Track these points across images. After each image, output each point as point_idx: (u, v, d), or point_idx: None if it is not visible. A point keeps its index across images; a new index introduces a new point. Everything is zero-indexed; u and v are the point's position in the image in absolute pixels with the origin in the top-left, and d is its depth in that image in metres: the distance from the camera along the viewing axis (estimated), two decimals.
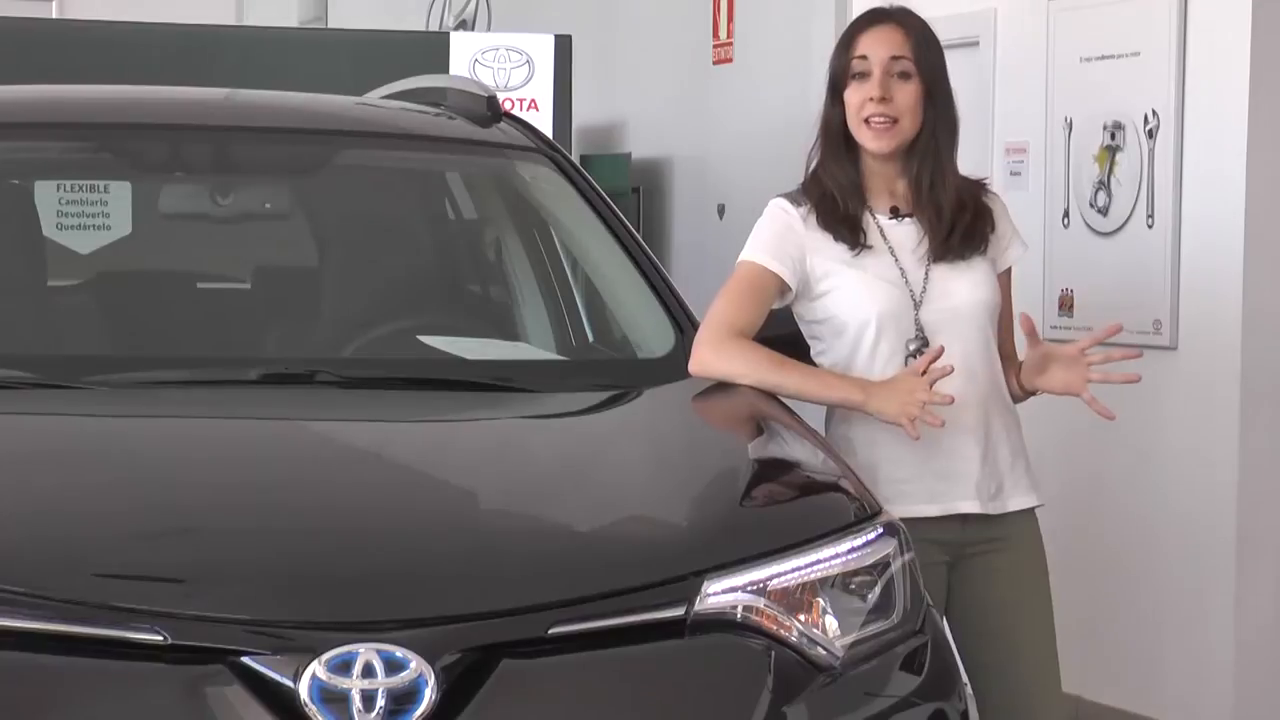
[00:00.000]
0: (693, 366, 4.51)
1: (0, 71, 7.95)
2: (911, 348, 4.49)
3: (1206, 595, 7.43)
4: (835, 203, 4.54)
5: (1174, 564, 7.56)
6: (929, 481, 4.45)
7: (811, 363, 4.58)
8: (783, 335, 4.55)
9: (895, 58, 4.51)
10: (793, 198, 4.60)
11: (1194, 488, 7.47)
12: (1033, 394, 4.72)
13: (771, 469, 4.13)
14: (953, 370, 4.32)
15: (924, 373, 4.28)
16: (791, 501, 4.02)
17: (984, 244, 4.58)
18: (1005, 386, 4.66)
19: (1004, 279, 4.68)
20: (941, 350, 4.35)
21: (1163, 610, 7.60)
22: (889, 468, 4.29)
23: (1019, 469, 4.62)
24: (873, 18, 4.59)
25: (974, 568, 4.57)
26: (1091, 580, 7.41)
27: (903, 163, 4.57)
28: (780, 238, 4.57)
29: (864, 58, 4.52)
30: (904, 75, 4.51)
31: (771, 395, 4.46)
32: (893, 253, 4.55)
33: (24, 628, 3.33)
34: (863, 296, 4.53)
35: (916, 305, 4.53)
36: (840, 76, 4.55)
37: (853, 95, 4.51)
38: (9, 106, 5.46)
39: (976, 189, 4.65)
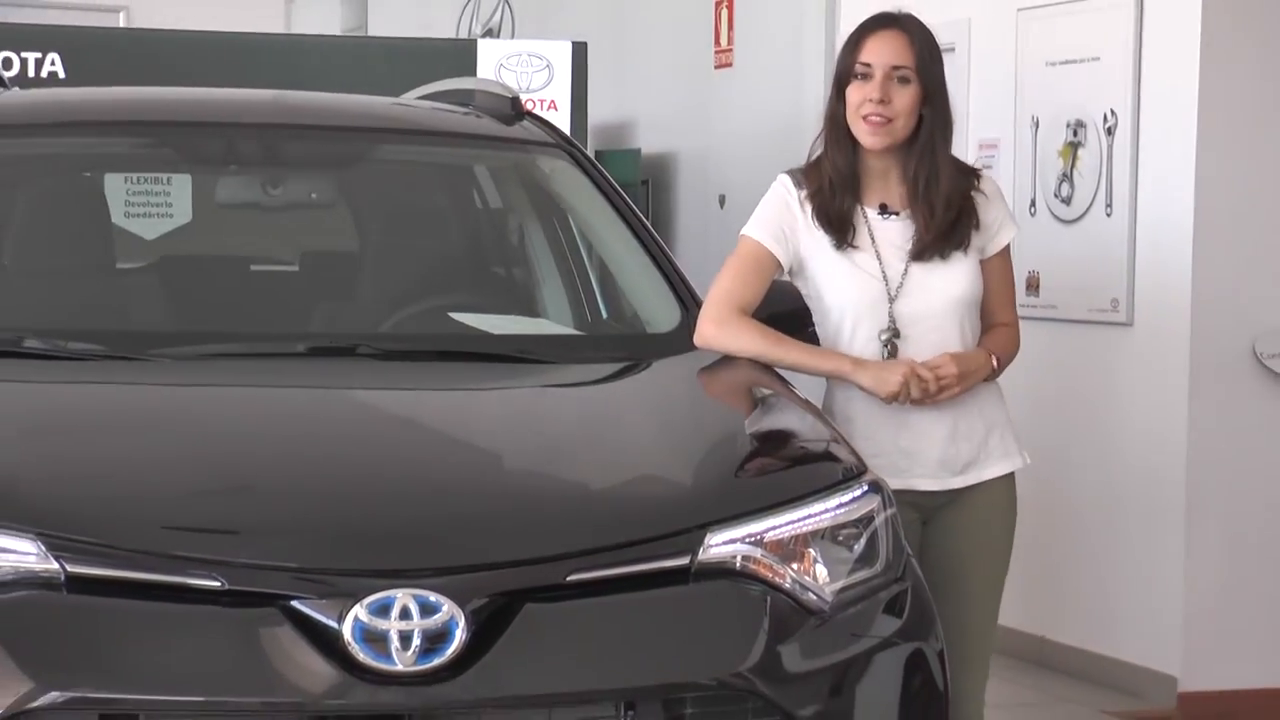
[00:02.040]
0: (697, 340, 4.51)
1: (73, 75, 7.97)
2: (884, 338, 4.46)
3: (1158, 547, 7.42)
4: (829, 196, 4.51)
5: (1130, 519, 7.56)
6: (894, 457, 4.43)
7: (813, 332, 4.57)
8: (785, 312, 4.54)
9: (896, 66, 4.46)
10: (796, 178, 4.58)
11: (1148, 450, 7.47)
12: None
13: (768, 433, 4.13)
14: (939, 388, 4.35)
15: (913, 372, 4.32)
16: (786, 462, 4.02)
17: (965, 243, 4.53)
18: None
19: (999, 258, 4.63)
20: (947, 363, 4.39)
21: (1119, 561, 7.60)
22: (861, 442, 4.26)
23: (994, 440, 4.59)
24: (881, 22, 4.54)
25: (942, 522, 4.55)
26: (1055, 534, 7.41)
27: (900, 160, 4.53)
28: (778, 215, 4.56)
29: (868, 64, 4.48)
30: (904, 80, 4.46)
31: (768, 366, 4.46)
32: (876, 247, 4.52)
33: (100, 575, 3.35)
34: (841, 285, 4.52)
35: (891, 299, 4.49)
36: (845, 75, 4.51)
37: (854, 93, 4.48)
38: (82, 106, 5.47)
39: (968, 184, 4.58)
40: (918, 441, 4.49)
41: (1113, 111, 7.59)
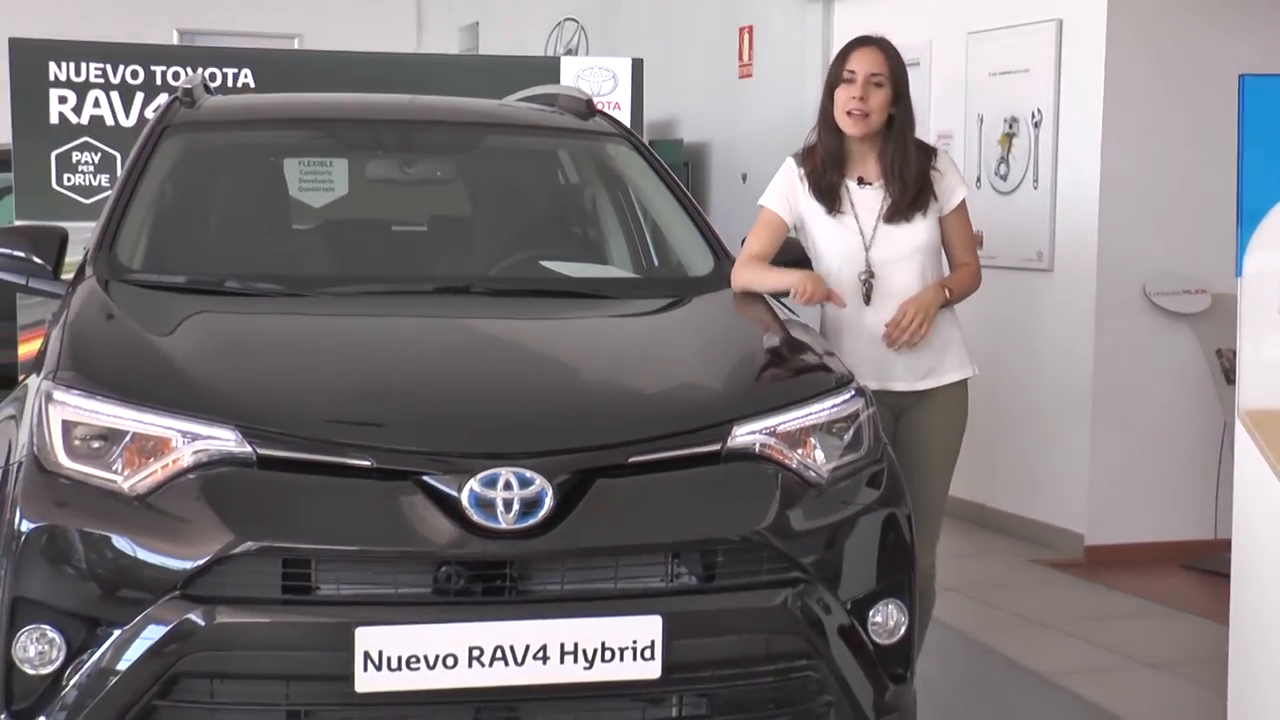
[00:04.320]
0: (732, 283, 4.51)
1: (261, 85, 7.96)
2: (862, 277, 4.46)
3: (1071, 437, 7.43)
4: (821, 173, 4.51)
5: (1050, 416, 7.56)
6: (871, 366, 4.40)
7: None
8: (793, 259, 4.53)
9: (873, 74, 4.46)
10: (798, 159, 4.58)
11: (1064, 363, 7.48)
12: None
13: (779, 351, 4.11)
14: (844, 303, 4.40)
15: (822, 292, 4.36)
16: (792, 372, 3.99)
17: (925, 208, 4.50)
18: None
19: (956, 215, 4.58)
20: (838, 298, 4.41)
21: (1042, 447, 7.60)
22: (848, 357, 4.24)
23: (949, 354, 4.55)
24: (862, 41, 4.53)
25: (910, 418, 4.53)
26: (994, 427, 7.40)
27: (876, 145, 4.51)
28: (786, 188, 4.57)
29: (852, 71, 4.47)
30: (879, 84, 4.45)
31: (779, 301, 4.45)
32: (855, 211, 4.50)
33: (282, 455, 3.36)
34: (830, 238, 4.51)
35: (867, 249, 4.48)
36: (835, 80, 4.50)
37: (841, 94, 4.47)
38: (267, 108, 5.47)
39: (928, 163, 4.54)
40: (888, 355, 4.47)
41: (1039, 110, 7.57)
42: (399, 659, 3.22)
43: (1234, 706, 3.68)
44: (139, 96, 7.92)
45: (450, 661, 3.24)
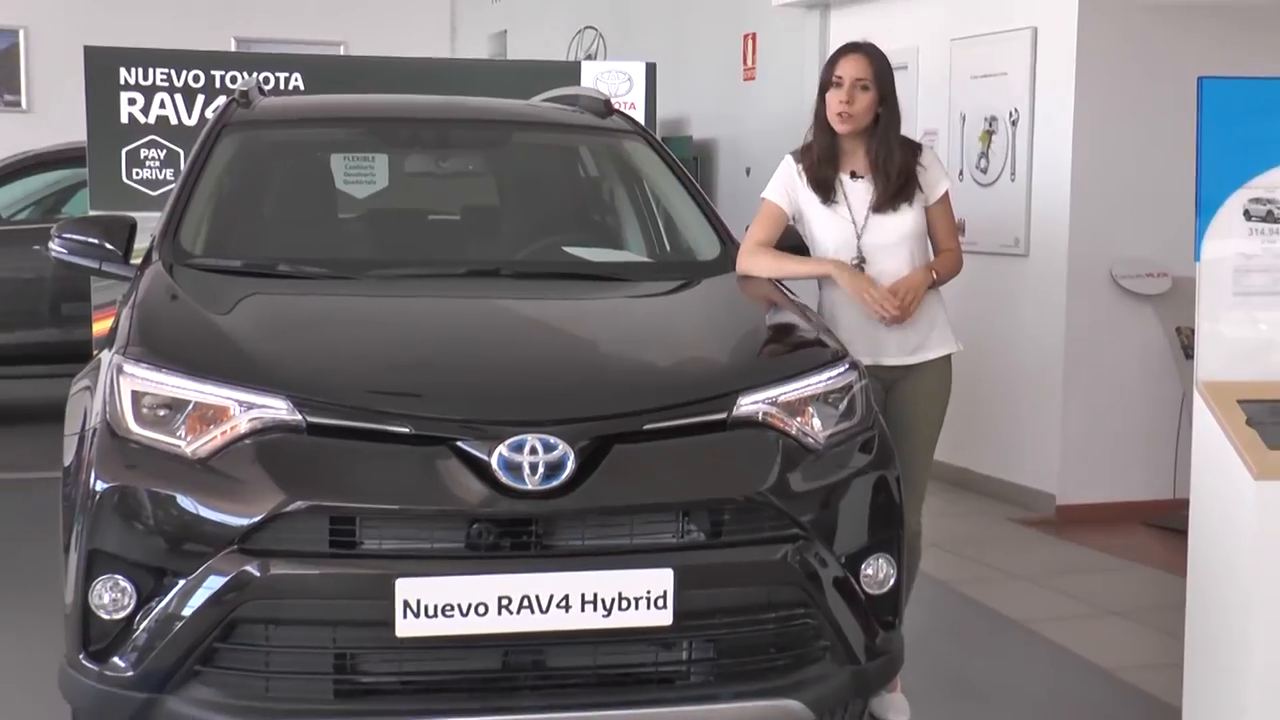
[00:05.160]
0: (737, 268, 4.48)
1: (309, 88, 7.96)
2: (854, 262, 4.40)
3: (1044, 407, 7.42)
4: (817, 167, 4.46)
5: (1025, 388, 7.55)
6: (865, 343, 4.37)
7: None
8: (791, 246, 4.50)
9: (859, 78, 4.41)
10: (796, 155, 4.53)
11: (1038, 339, 7.48)
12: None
13: (779, 327, 4.09)
14: (886, 307, 4.31)
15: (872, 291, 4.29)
16: (791, 347, 3.97)
17: (910, 198, 4.45)
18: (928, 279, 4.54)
19: (940, 205, 4.52)
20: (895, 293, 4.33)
21: (1018, 416, 7.60)
22: (842, 333, 4.22)
23: (935, 332, 4.50)
24: (849, 48, 4.47)
25: (899, 389, 4.50)
26: (976, 398, 7.38)
27: (864, 142, 4.46)
28: (786, 182, 4.52)
29: (840, 76, 4.43)
30: (864, 88, 4.40)
31: (779, 283, 4.43)
32: (848, 201, 4.45)
33: (329, 423, 3.36)
34: (825, 227, 4.46)
35: (859, 236, 4.44)
36: (825, 84, 4.46)
37: (831, 97, 4.43)
38: (315, 108, 5.47)
39: (913, 158, 4.49)
40: (880, 332, 4.44)
41: (1016, 110, 7.55)
42: (435, 607, 3.22)
43: (1190, 649, 3.68)
44: (200, 98, 7.93)
45: (481, 609, 3.24)
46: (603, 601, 3.29)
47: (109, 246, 4.47)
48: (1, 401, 9.68)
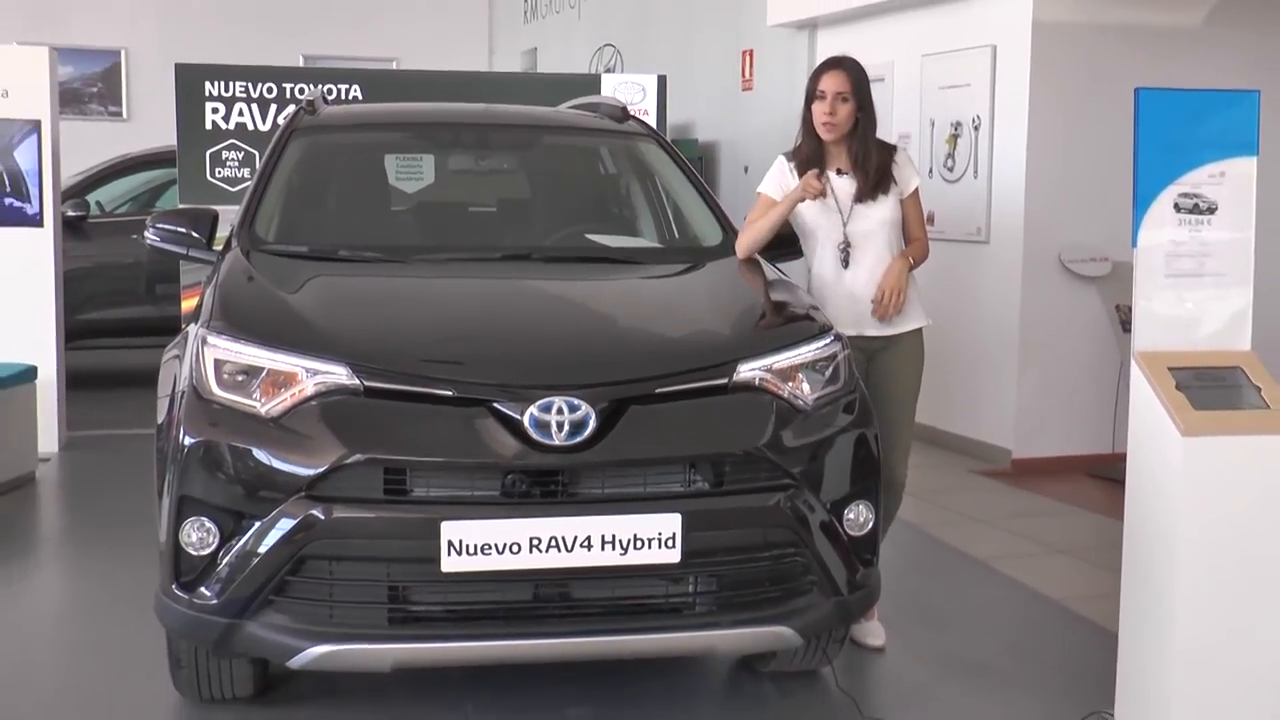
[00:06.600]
0: (737, 251, 4.45)
1: (367, 98, 7.94)
2: (841, 248, 4.37)
3: (1002, 374, 7.40)
4: (805, 168, 4.40)
5: (986, 358, 7.52)
6: (848, 316, 4.34)
7: (798, 248, 4.51)
8: (782, 235, 4.45)
9: (839, 91, 4.36)
10: (788, 155, 4.49)
11: (999, 317, 7.45)
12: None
13: (774, 305, 4.07)
14: (821, 189, 4.25)
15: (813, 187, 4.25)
16: (783, 321, 3.95)
17: (887, 190, 4.41)
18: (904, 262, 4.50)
19: (912, 199, 4.47)
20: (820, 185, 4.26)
21: (980, 381, 7.57)
22: (829, 309, 4.20)
23: (909, 308, 4.45)
24: (830, 64, 4.42)
25: (879, 359, 4.48)
26: (942, 365, 7.31)
27: (846, 146, 4.42)
28: (779, 179, 4.47)
29: (823, 90, 4.38)
30: (844, 99, 4.35)
31: (774, 267, 4.40)
32: (834, 195, 4.42)
33: (383, 387, 3.37)
34: (814, 218, 4.42)
35: (845, 224, 4.40)
36: (810, 96, 4.41)
37: (816, 109, 4.37)
38: (373, 115, 5.44)
39: (889, 157, 4.44)
40: (860, 307, 4.41)
41: (978, 116, 7.50)
42: (475, 546, 3.23)
43: (1126, 582, 3.68)
44: (273, 107, 7.93)
45: (515, 548, 3.24)
46: (620, 542, 3.29)
47: (195, 235, 4.48)
48: (106, 368, 9.71)
